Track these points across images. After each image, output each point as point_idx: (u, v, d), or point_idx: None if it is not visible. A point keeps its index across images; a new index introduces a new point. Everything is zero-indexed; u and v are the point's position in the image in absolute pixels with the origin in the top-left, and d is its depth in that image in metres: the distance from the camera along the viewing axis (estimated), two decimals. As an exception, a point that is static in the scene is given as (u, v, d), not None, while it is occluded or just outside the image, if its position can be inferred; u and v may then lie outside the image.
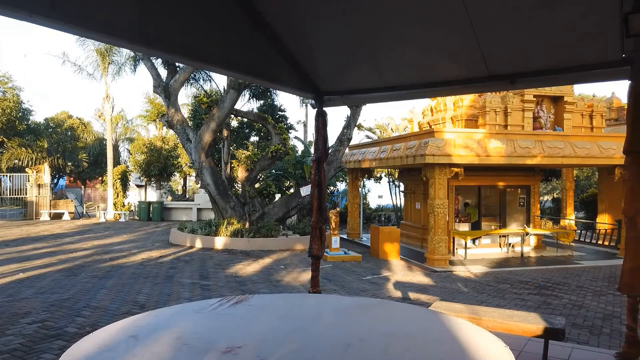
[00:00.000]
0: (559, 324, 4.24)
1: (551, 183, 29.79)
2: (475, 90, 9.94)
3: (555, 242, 16.01)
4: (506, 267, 12.85)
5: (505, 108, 14.27)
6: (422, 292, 9.46)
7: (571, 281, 10.89)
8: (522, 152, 13.11)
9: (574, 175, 20.79)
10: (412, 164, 13.55)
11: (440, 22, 4.55)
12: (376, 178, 28.02)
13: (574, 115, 14.86)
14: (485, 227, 15.75)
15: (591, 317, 7.76)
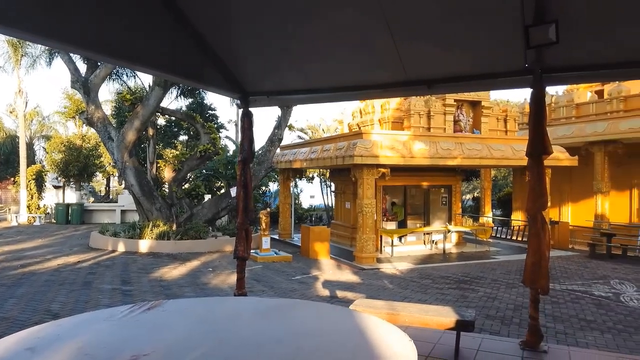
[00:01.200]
0: (470, 316, 4.51)
1: (472, 183, 31.57)
2: (395, 94, 10.35)
3: (474, 239, 16.97)
4: (429, 264, 13.43)
5: (428, 111, 14.92)
6: (349, 290, 9.65)
7: (487, 275, 11.60)
8: (444, 154, 13.77)
9: (491, 175, 22.16)
10: (341, 164, 13.79)
11: (361, 28, 4.68)
12: (308, 178, 28.23)
13: (490, 119, 15.85)
14: (411, 226, 16.37)
15: (503, 308, 8.30)
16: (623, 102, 16.17)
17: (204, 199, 18.71)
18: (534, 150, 4.72)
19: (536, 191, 4.71)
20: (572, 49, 4.55)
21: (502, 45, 4.65)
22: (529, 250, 4.76)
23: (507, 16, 4.22)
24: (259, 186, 23.72)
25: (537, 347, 4.62)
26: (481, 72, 5.15)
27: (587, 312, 8.09)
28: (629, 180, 17.04)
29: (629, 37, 4.31)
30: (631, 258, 13.88)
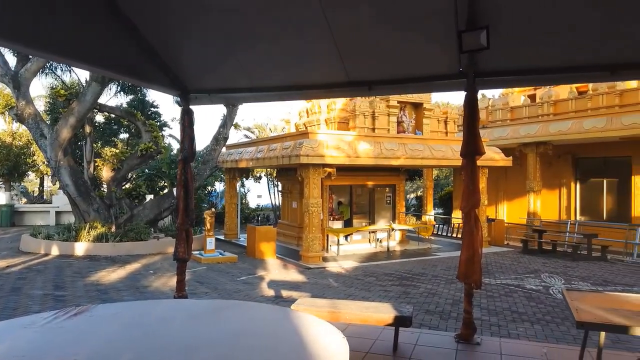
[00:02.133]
0: (407, 312, 4.64)
1: (416, 182, 32.50)
2: (337, 95, 10.47)
3: (417, 236, 17.47)
4: (374, 261, 13.69)
5: (373, 112, 15.20)
6: (295, 290, 9.66)
7: (428, 271, 11.97)
8: (388, 154, 14.08)
9: (433, 175, 22.93)
10: (287, 164, 13.77)
11: (304, 29, 4.70)
12: (256, 178, 27.99)
13: (431, 121, 16.38)
14: (357, 224, 16.62)
15: (442, 303, 8.60)
16: (553, 105, 17.21)
17: (146, 199, 18.08)
18: (468, 151, 4.92)
19: (470, 190, 4.91)
20: (503, 54, 4.79)
21: (438, 49, 4.82)
22: (463, 246, 4.95)
23: (442, 21, 4.38)
24: (204, 186, 23.24)
25: (470, 340, 4.82)
26: (419, 75, 5.31)
27: (519, 305, 8.53)
28: (558, 179, 18.19)
29: (555, 45, 4.59)
30: (560, 253, 14.79)
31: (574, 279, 11.01)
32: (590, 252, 13.98)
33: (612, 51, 4.45)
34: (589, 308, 2.87)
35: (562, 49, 4.60)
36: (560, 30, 4.34)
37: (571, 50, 4.55)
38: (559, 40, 4.48)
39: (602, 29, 4.17)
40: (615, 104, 15.12)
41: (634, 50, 4.41)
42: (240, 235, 18.37)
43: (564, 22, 4.23)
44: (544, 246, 15.14)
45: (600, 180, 17.21)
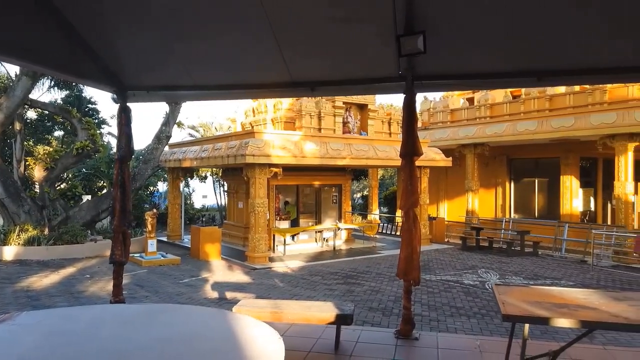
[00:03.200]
0: (349, 310, 4.71)
1: (362, 182, 33.02)
2: (281, 95, 10.48)
3: (362, 235, 17.77)
4: (320, 261, 13.78)
5: (319, 112, 15.31)
6: (239, 291, 9.55)
7: (373, 269, 12.20)
8: (334, 154, 14.22)
9: (378, 175, 23.41)
10: (233, 163, 13.58)
11: (245, 28, 4.65)
12: (201, 177, 27.39)
13: (376, 122, 16.73)
14: (304, 224, 16.67)
15: (385, 300, 8.80)
16: (489, 109, 18.06)
17: (83, 200, 17.24)
18: (407, 152, 5.06)
19: (409, 189, 5.05)
20: (440, 59, 4.96)
21: (379, 52, 4.92)
22: (402, 244, 5.09)
23: (382, 26, 4.48)
24: (146, 186, 22.47)
25: (409, 335, 4.98)
26: (360, 77, 5.41)
27: (457, 300, 8.88)
28: (494, 179, 19.11)
29: (487, 51, 4.82)
30: (496, 249, 15.55)
31: (508, 273, 11.60)
32: (523, 248, 14.79)
33: (539, 59, 4.74)
34: (515, 302, 3.04)
35: (493, 56, 4.84)
36: (492, 38, 4.56)
37: (502, 57, 4.79)
38: (490, 48, 4.71)
39: (530, 38, 4.42)
40: (546, 108, 16.08)
41: (558, 59, 4.71)
42: (184, 236, 17.91)
43: (495, 31, 4.45)
44: (481, 243, 15.85)
45: (532, 180, 18.26)
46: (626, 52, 4.46)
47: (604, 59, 4.64)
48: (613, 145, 13.93)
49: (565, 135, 15.13)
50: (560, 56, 4.68)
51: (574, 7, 3.98)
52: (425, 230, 16.68)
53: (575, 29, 4.27)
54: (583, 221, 16.52)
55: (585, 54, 4.61)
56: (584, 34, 4.32)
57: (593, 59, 4.67)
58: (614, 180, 14.15)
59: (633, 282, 10.86)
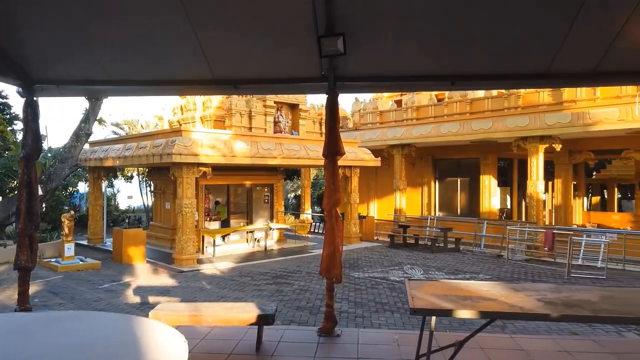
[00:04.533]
0: (271, 310, 4.69)
1: (297, 181, 33.11)
2: (203, 92, 10.26)
3: (295, 235, 17.81)
4: (251, 261, 13.63)
5: (249, 111, 15.15)
6: (163, 295, 9.22)
7: (303, 268, 12.26)
8: (265, 153, 14.12)
9: (312, 174, 23.59)
10: (159, 162, 13.09)
11: (164, 24, 4.49)
12: (126, 177, 26.17)
13: (307, 122, 16.85)
14: (234, 224, 16.42)
15: (313, 299, 8.87)
16: (416, 111, 18.78)
17: (-9, 202, 15.86)
18: (329, 152, 5.13)
19: (331, 189, 5.12)
20: (361, 60, 5.08)
21: (302, 52, 4.94)
22: (325, 242, 5.15)
23: (304, 26, 4.50)
24: (65, 186, 21.09)
25: (331, 333, 5.04)
26: (284, 76, 5.41)
27: (383, 296, 9.13)
28: (421, 178, 19.91)
29: (405, 55, 4.99)
30: (422, 246, 16.18)
31: (431, 269, 12.11)
32: (446, 244, 15.52)
33: (453, 64, 4.98)
34: (424, 296, 3.17)
35: (410, 60, 5.03)
36: (409, 43, 4.74)
37: (418, 61, 4.99)
38: (408, 51, 4.89)
39: (444, 44, 4.64)
40: (467, 111, 16.97)
41: (470, 65, 4.98)
42: (107, 239, 17.00)
43: (412, 36, 4.63)
44: (408, 240, 16.43)
45: (455, 179, 19.22)
46: (529, 60, 4.80)
47: (510, 66, 4.97)
48: (526, 147, 14.98)
49: (484, 137, 16.06)
50: (472, 62, 4.96)
51: (486, 18, 4.23)
52: (355, 229, 17.04)
53: (485, 38, 4.53)
54: (501, 218, 17.64)
55: (494, 61, 4.91)
56: (493, 43, 4.60)
57: (501, 65, 4.99)
58: (527, 179, 15.22)
59: (542, 274, 11.72)
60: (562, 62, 4.57)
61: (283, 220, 18.87)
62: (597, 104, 13.50)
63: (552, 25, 4.19)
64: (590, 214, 21.47)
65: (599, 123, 13.25)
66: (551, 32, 4.25)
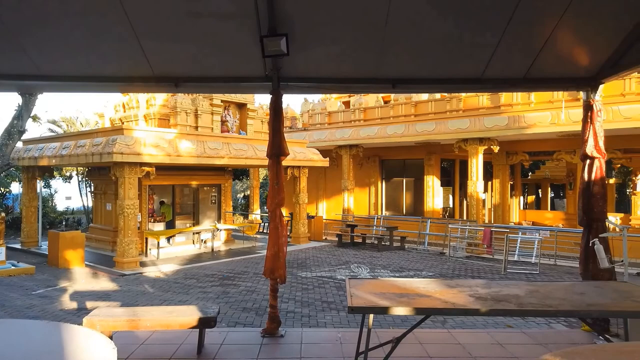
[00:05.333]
0: (212, 312, 4.62)
1: (246, 181, 32.74)
2: (143, 90, 9.97)
3: (243, 235, 17.62)
4: (197, 263, 13.36)
5: (196, 110, 14.83)
6: (103, 300, 8.86)
7: (250, 269, 12.16)
8: (212, 153, 13.88)
9: (261, 174, 23.41)
10: (99, 162, 12.55)
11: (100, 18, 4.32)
12: (65, 177, 24.91)
13: (255, 121, 16.72)
14: (180, 225, 16.02)
15: (259, 300, 8.81)
16: (363, 112, 19.09)
17: None
18: (273, 152, 5.12)
19: (275, 189, 5.12)
20: (306, 62, 5.11)
21: (245, 51, 4.90)
22: (269, 243, 5.15)
23: (246, 25, 4.47)
24: (-5, 187, 19.78)
25: (275, 333, 5.04)
26: (227, 75, 5.34)
27: (329, 295, 9.22)
28: (368, 179, 20.26)
29: (348, 58, 5.08)
30: (369, 245, 16.48)
31: (377, 267, 12.35)
32: (392, 242, 15.88)
33: (393, 68, 5.11)
34: (363, 294, 3.24)
35: (353, 62, 5.12)
36: (352, 46, 4.82)
37: (360, 64, 5.09)
38: (351, 54, 4.98)
39: (385, 49, 4.74)
40: (412, 113, 17.45)
41: (410, 69, 5.14)
42: (42, 242, 16.11)
43: (354, 40, 4.71)
44: (355, 239, 16.67)
45: (401, 179, 19.72)
46: (465, 66, 5.02)
47: (448, 71, 5.17)
48: (467, 148, 15.60)
49: (427, 138, 16.58)
50: (412, 67, 5.12)
51: (425, 25, 4.38)
52: (304, 229, 17.09)
53: (424, 44, 4.69)
54: (444, 217, 18.26)
55: (433, 65, 5.09)
56: (432, 49, 4.77)
57: (439, 70, 5.18)
58: (468, 179, 15.85)
59: (481, 270, 12.25)
60: (494, 68, 4.81)
61: (231, 220, 18.63)
62: (531, 108, 14.27)
63: (484, 36, 4.40)
64: (526, 212, 22.67)
65: (533, 126, 14.02)
66: (484, 41, 4.46)
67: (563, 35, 4.34)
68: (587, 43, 4.63)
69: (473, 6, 4.08)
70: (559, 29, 4.21)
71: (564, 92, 13.02)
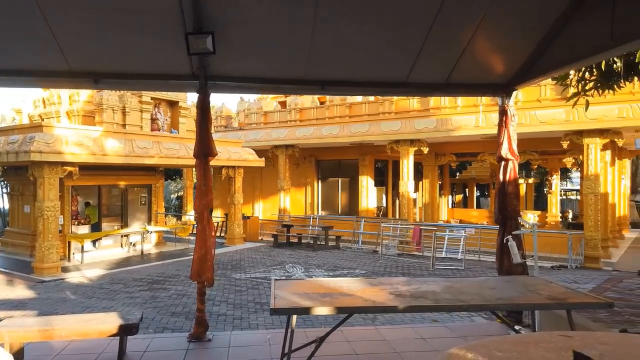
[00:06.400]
0: (135, 319, 4.43)
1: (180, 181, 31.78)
2: (58, 85, 9.43)
3: (175, 237, 17.09)
4: (125, 267, 12.80)
5: (123, 107, 14.20)
6: (17, 309, 8.25)
7: (182, 272, 11.81)
8: (141, 152, 13.34)
9: (193, 174, 22.80)
10: (15, 161, 11.69)
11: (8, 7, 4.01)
12: (-23, 177, 22.94)
13: (188, 120, 16.26)
14: (108, 228, 15.28)
15: (190, 304, 8.58)
16: (299, 112, 19.16)
17: None
18: (201, 152, 5.00)
19: (202, 190, 5.01)
20: (234, 61, 5.04)
21: (170, 48, 4.73)
22: (196, 245, 5.03)
23: (170, 21, 4.33)
24: None
25: (202, 337, 4.93)
26: (152, 72, 5.15)
27: (263, 296, 9.15)
28: (304, 179, 20.37)
29: (277, 59, 5.07)
30: (304, 244, 16.55)
31: (312, 266, 12.44)
32: (327, 242, 16.06)
33: (322, 70, 5.17)
34: (287, 295, 3.25)
35: (282, 63, 5.12)
36: (280, 47, 4.82)
37: (289, 65, 5.10)
38: (280, 55, 4.97)
39: (313, 51, 4.77)
40: (347, 115, 17.75)
41: (338, 71, 5.22)
42: (-52, 249, 14.76)
43: (283, 41, 4.71)
44: (291, 239, 16.69)
45: (337, 179, 20.00)
46: (391, 70, 5.17)
47: (375, 74, 5.31)
48: (398, 149, 16.11)
49: (362, 139, 16.94)
50: (340, 69, 5.20)
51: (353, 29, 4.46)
52: (239, 230, 16.87)
53: (352, 47, 4.78)
54: (378, 216, 18.73)
55: (360, 69, 5.20)
56: (359, 52, 4.87)
57: (367, 73, 5.30)
58: (400, 179, 16.37)
59: (412, 267, 12.69)
60: (418, 73, 5.00)
61: (163, 222, 18.02)
62: (457, 112, 14.99)
63: (407, 43, 4.56)
64: (454, 211, 23.79)
65: (459, 129, 14.73)
66: (407, 48, 4.62)
67: (479, 44, 4.59)
68: (501, 52, 4.94)
69: (396, 13, 4.21)
70: (475, 39, 4.45)
71: (486, 97, 13.80)
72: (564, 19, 4.19)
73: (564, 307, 3.11)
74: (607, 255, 13.54)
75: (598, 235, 12.84)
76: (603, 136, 12.83)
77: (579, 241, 13.03)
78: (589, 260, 12.67)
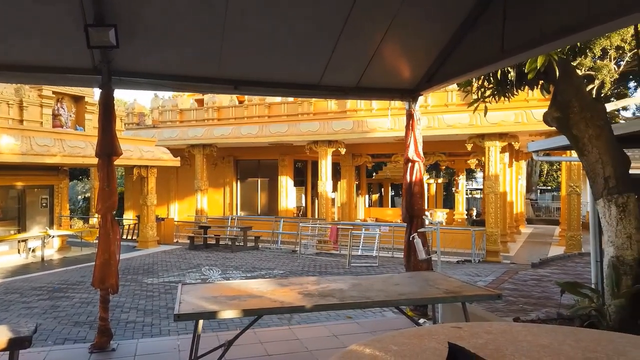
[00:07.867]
0: (27, 331, 4.06)
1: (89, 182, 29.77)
2: None
3: (81, 242, 15.98)
4: (23, 275, 11.75)
5: (20, 101, 13.03)
6: None
7: (87, 279, 11.05)
8: (41, 151, 12.31)
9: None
10: None
11: None
12: None
13: (94, 116, 15.26)
14: (2, 233, 13.95)
15: (95, 312, 8.01)
16: (217, 111, 18.75)
17: None
18: (103, 151, 4.72)
19: (106, 192, 4.73)
20: (142, 56, 4.82)
21: (69, 40, 4.43)
22: (98, 250, 4.73)
23: (70, 11, 4.05)
24: None
25: (106, 347, 4.66)
26: (49, 65, 4.78)
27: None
28: (223, 179, 19.98)
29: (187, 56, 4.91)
30: (222, 246, 16.23)
31: (230, 268, 12.23)
32: (246, 243, 15.88)
33: (235, 69, 5.11)
34: (194, 299, 3.16)
35: (194, 60, 4.98)
36: (191, 44, 4.69)
37: (201, 62, 4.98)
38: (190, 53, 4.84)
39: (226, 49, 4.70)
40: (266, 115, 17.67)
41: (252, 71, 5.18)
42: None
43: (193, 38, 4.58)
44: (208, 241, 16.29)
45: (256, 179, 19.85)
46: (305, 72, 5.24)
47: (289, 76, 5.34)
48: (317, 150, 16.34)
49: (281, 140, 16.96)
50: (254, 69, 5.17)
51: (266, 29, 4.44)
52: (152, 232, 16.16)
53: (265, 48, 4.77)
54: (297, 216, 18.85)
55: (274, 69, 5.21)
56: (273, 53, 4.87)
57: (280, 74, 5.32)
58: (318, 179, 16.62)
59: (329, 265, 12.93)
60: (330, 76, 5.11)
61: (68, 225, 16.77)
62: (373, 114, 15.51)
63: (319, 46, 4.65)
64: (370, 210, 24.58)
65: (374, 131, 15.26)
66: (319, 51, 4.71)
67: (387, 50, 4.79)
68: (408, 59, 5.19)
69: (307, 17, 4.26)
70: (384, 45, 4.64)
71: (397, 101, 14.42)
72: (463, 30, 4.50)
73: (458, 300, 3.34)
74: (506, 249, 14.73)
75: (498, 231, 13.93)
76: (502, 139, 13.94)
77: (482, 237, 14.04)
78: (490, 255, 13.70)
